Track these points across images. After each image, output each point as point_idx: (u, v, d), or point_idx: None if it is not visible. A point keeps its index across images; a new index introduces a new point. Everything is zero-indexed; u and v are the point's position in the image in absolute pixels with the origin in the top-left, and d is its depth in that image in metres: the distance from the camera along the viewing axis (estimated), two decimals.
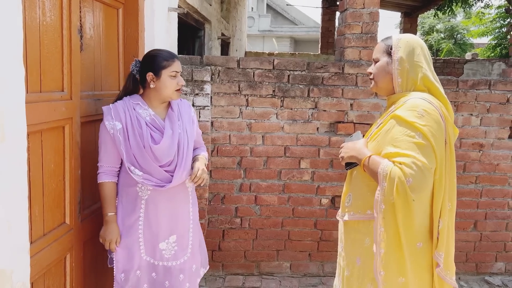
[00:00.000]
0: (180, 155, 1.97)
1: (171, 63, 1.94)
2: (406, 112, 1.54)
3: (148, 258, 2.02)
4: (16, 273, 1.30)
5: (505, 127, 3.19)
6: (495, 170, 3.22)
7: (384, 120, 1.66)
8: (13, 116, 1.27)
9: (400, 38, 1.68)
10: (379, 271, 1.57)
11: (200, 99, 2.96)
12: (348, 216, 1.73)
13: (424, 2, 7.09)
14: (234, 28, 7.97)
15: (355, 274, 1.70)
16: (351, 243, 1.73)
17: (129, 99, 1.97)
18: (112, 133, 1.90)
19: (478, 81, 3.15)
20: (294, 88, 3.06)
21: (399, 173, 1.48)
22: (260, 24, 19.43)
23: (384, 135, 1.61)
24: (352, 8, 3.05)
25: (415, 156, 1.48)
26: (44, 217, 1.73)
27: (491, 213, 3.27)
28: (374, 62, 1.74)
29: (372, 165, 1.57)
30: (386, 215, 1.53)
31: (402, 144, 1.51)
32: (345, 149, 1.72)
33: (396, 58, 1.64)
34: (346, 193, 1.78)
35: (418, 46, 1.65)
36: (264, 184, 3.14)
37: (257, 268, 3.24)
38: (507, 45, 10.71)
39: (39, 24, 1.64)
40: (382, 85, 1.71)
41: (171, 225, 2.03)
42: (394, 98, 1.68)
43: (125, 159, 1.90)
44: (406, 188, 1.47)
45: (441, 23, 18.48)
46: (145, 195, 1.97)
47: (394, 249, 1.56)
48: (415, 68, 1.64)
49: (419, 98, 1.58)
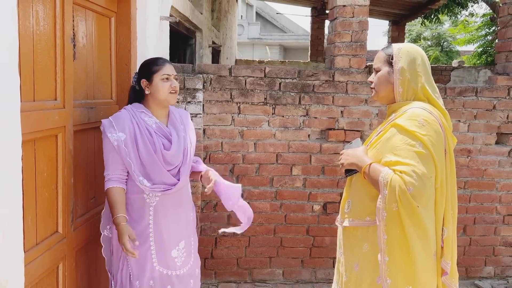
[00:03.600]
0: (185, 158, 2.02)
1: (161, 67, 1.99)
2: (407, 121, 1.57)
3: (161, 269, 1.98)
4: (11, 283, 1.29)
5: (492, 133, 3.26)
6: (483, 175, 3.28)
7: (385, 128, 1.68)
8: (9, 124, 1.27)
9: (400, 48, 1.69)
10: (386, 279, 1.57)
11: (192, 106, 2.97)
12: (347, 222, 1.74)
13: (411, 11, 7.21)
14: (224, 36, 8.02)
15: (352, 280, 1.71)
16: (350, 249, 1.74)
17: (132, 108, 2.01)
18: (117, 144, 1.90)
19: (465, 88, 3.21)
20: (285, 96, 3.09)
21: (399, 181, 1.50)
22: (250, 32, 19.54)
23: (384, 143, 1.63)
24: (342, 17, 3.10)
25: (415, 165, 1.50)
26: (37, 226, 1.72)
27: (479, 217, 3.32)
28: (375, 71, 1.74)
29: (372, 173, 1.59)
30: (388, 222, 1.55)
31: (402, 153, 1.54)
32: (346, 156, 1.73)
33: (397, 68, 1.66)
34: (346, 199, 1.80)
35: (419, 56, 1.68)
36: (256, 191, 3.15)
37: (249, 276, 3.24)
38: (493, 53, 10.92)
39: (33, 33, 1.64)
40: (383, 94, 1.73)
41: (180, 231, 2.06)
42: (394, 107, 1.70)
43: (133, 169, 1.91)
44: (408, 196, 1.49)
45: (428, 30, 18.78)
46: (154, 201, 1.98)
47: (401, 256, 1.55)
48: (416, 77, 1.66)
49: (419, 108, 1.61)
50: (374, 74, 1.76)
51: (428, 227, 1.55)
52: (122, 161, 1.92)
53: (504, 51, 3.38)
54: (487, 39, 12.08)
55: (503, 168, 3.28)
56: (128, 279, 2.01)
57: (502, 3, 3.42)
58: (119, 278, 2.03)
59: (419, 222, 1.52)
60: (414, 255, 1.53)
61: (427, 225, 1.54)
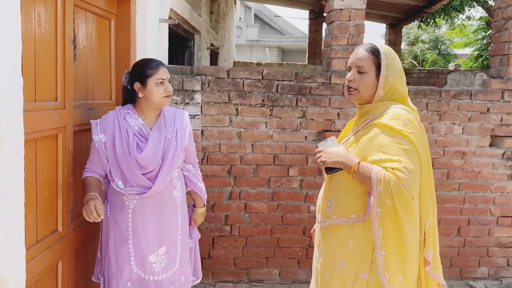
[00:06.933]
0: (164, 161, 1.96)
1: (156, 71, 1.95)
2: (392, 121, 1.62)
3: (139, 272, 2.00)
4: (13, 279, 1.32)
5: (486, 136, 3.30)
6: (477, 177, 3.32)
7: (364, 128, 1.71)
8: (12, 124, 1.30)
9: (386, 52, 1.70)
10: (384, 273, 1.61)
11: (191, 108, 3.00)
12: (330, 221, 1.74)
13: (408, 14, 7.27)
14: (223, 39, 8.06)
15: (335, 278, 1.72)
16: (332, 247, 1.75)
17: (120, 109, 2.01)
18: (97, 146, 1.95)
19: (460, 91, 3.26)
20: (282, 98, 3.13)
21: (393, 177, 1.54)
22: (248, 34, 19.58)
23: (368, 142, 1.66)
24: (339, 20, 3.14)
25: (405, 161, 1.56)
26: (37, 225, 1.75)
27: (473, 219, 3.37)
28: (359, 72, 1.71)
29: (362, 171, 1.61)
30: (383, 217, 1.58)
31: (391, 151, 1.58)
32: (328, 154, 1.72)
33: (384, 73, 1.68)
34: (326, 198, 1.79)
35: (397, 59, 1.72)
36: (253, 192, 3.18)
37: (246, 276, 3.27)
38: (489, 56, 10.98)
39: (35, 35, 1.67)
40: (366, 96, 1.73)
41: (160, 236, 2.02)
42: (369, 107, 1.74)
43: (109, 171, 1.95)
44: (403, 190, 1.54)
45: (426, 33, 18.87)
46: (132, 204, 1.97)
47: (395, 249, 1.60)
48: (398, 82, 1.71)
49: (399, 108, 1.67)
50: (355, 73, 1.72)
51: (418, 218, 1.62)
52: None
53: (498, 55, 3.43)
54: (483, 42, 12.16)
55: (497, 170, 3.33)
56: (108, 279, 2.04)
57: (496, 8, 3.47)
58: (106, 276, 2.06)
59: (412, 214, 1.58)
60: (407, 246, 1.60)
61: (417, 215, 1.61)
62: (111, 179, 1.96)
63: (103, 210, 1.84)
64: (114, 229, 2.00)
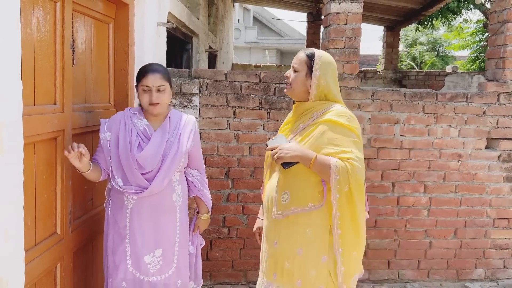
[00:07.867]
0: (163, 163, 1.98)
1: (142, 78, 1.99)
2: (339, 118, 1.83)
3: (134, 271, 2.02)
4: (12, 281, 1.34)
5: (482, 138, 3.33)
6: (473, 179, 3.35)
7: (311, 125, 1.88)
8: (12, 128, 1.32)
9: (320, 56, 1.91)
10: (338, 249, 1.83)
11: (189, 111, 3.02)
12: (288, 212, 1.88)
13: (405, 17, 7.31)
14: (221, 41, 8.08)
15: (296, 264, 1.87)
16: (290, 237, 1.89)
17: (128, 110, 2.08)
18: (103, 143, 2.01)
19: (456, 94, 3.29)
20: (280, 101, 3.15)
21: (349, 166, 1.75)
22: (247, 36, 19.61)
23: (319, 137, 1.83)
24: (336, 24, 3.16)
25: (356, 152, 1.79)
26: (36, 227, 1.76)
27: (470, 221, 3.39)
28: (294, 70, 1.94)
29: (321, 163, 1.78)
30: (341, 202, 1.79)
31: (343, 143, 1.80)
32: (285, 150, 1.84)
33: (316, 74, 1.89)
34: (282, 191, 1.91)
35: (333, 65, 1.93)
36: (251, 194, 3.20)
37: (244, 277, 3.28)
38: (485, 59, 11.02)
39: (34, 40, 1.69)
40: (298, 93, 1.94)
41: (156, 238, 2.03)
42: (310, 105, 1.92)
43: (111, 168, 1.99)
44: (357, 176, 1.76)
45: (424, 35, 18.93)
46: (130, 204, 2.00)
47: (349, 228, 1.82)
48: (330, 84, 1.91)
49: (341, 107, 1.90)
50: (292, 71, 1.95)
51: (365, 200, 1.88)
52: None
53: (494, 58, 3.45)
54: (480, 45, 12.22)
55: (493, 172, 3.35)
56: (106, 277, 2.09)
57: (492, 11, 3.50)
58: (105, 274, 2.11)
59: (363, 197, 1.82)
60: (360, 225, 1.84)
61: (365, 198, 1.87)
62: (111, 176, 2.00)
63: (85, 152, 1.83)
64: (114, 228, 2.04)
